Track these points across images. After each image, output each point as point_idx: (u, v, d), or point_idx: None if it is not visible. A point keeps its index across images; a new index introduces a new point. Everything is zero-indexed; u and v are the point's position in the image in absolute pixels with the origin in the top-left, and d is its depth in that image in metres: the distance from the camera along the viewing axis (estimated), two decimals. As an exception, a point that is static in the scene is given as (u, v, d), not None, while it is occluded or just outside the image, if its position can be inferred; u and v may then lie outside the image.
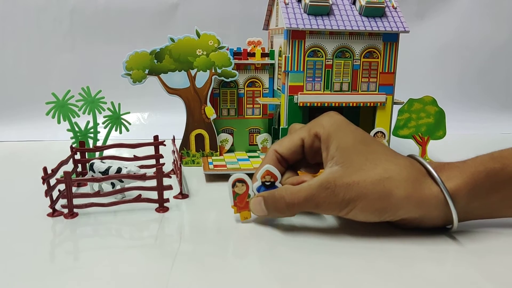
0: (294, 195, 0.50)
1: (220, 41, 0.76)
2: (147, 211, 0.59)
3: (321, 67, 0.73)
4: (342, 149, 0.50)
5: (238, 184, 0.53)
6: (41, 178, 0.56)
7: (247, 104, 0.83)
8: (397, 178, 0.48)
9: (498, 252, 0.48)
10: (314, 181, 0.49)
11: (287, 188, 0.51)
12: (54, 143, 0.98)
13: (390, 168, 0.49)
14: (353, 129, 0.52)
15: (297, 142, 0.54)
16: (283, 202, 0.50)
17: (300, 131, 0.55)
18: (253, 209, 0.53)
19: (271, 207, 0.51)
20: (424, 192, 0.48)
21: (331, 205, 0.49)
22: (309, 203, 0.49)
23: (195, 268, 0.45)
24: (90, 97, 0.72)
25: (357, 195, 0.48)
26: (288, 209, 0.50)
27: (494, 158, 0.49)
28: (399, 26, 0.72)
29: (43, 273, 0.43)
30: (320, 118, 0.54)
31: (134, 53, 0.74)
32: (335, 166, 0.50)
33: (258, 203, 0.52)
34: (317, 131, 0.53)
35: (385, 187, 0.47)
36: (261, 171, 0.53)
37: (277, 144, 0.55)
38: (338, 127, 0.52)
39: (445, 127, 0.77)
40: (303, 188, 0.49)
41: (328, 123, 0.52)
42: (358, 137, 0.51)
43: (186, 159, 0.80)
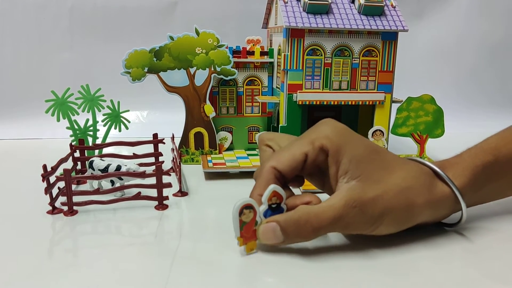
0: (319, 218, 0.44)
1: (220, 40, 0.76)
2: (147, 208, 0.59)
3: (320, 65, 0.73)
4: (356, 161, 0.46)
5: (245, 211, 0.44)
6: (41, 175, 0.56)
7: (246, 102, 0.83)
8: (415, 186, 0.47)
9: (496, 249, 0.49)
10: (334, 200, 0.45)
11: (308, 210, 0.44)
12: (53, 141, 0.98)
13: (406, 176, 0.47)
14: (360, 137, 0.48)
15: (300, 157, 0.47)
16: (310, 226, 0.44)
17: (300, 144, 0.47)
18: (264, 237, 0.45)
19: (293, 233, 0.44)
20: (438, 194, 0.48)
21: (360, 224, 0.45)
22: (337, 225, 0.44)
23: (195, 265, 0.45)
24: (89, 95, 0.72)
25: (383, 210, 0.45)
26: (314, 234, 0.45)
27: (485, 151, 0.51)
28: (398, 25, 0.72)
29: (43, 270, 0.44)
30: (320, 128, 0.49)
31: (133, 51, 0.74)
32: (352, 181, 0.45)
33: (271, 230, 0.44)
34: (323, 144, 0.46)
35: (407, 198, 0.46)
36: (267, 192, 0.45)
37: (273, 160, 0.47)
38: (346, 137, 0.47)
39: (443, 126, 0.77)
40: (326, 209, 0.44)
41: (333, 134, 0.47)
42: (368, 146, 0.48)
43: (185, 157, 0.80)
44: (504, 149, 0.51)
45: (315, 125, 0.50)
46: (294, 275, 0.43)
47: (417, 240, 0.50)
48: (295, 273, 0.43)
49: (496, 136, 0.54)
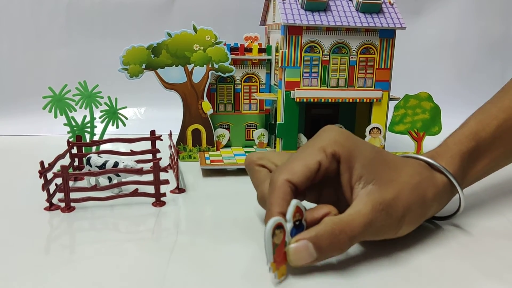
0: (352, 226, 0.42)
1: (217, 36, 0.76)
2: (144, 205, 0.59)
3: (317, 62, 0.73)
4: (368, 165, 0.45)
5: (276, 231, 0.39)
6: (38, 172, 0.56)
7: (244, 100, 0.83)
8: (422, 181, 0.47)
9: (491, 245, 0.49)
10: (360, 206, 0.43)
11: (338, 220, 0.42)
12: (50, 138, 0.98)
13: (412, 172, 0.47)
14: (363, 140, 0.48)
15: (314, 166, 0.44)
16: (345, 236, 0.41)
17: (311, 153, 0.44)
18: (297, 257, 0.40)
19: (328, 246, 0.41)
20: (440, 185, 0.49)
21: (387, 228, 0.44)
22: (368, 231, 0.43)
23: (192, 261, 0.45)
24: (87, 92, 0.72)
25: (404, 209, 0.45)
26: (349, 243, 0.42)
27: (467, 137, 0.53)
28: (395, 22, 0.72)
29: (40, 266, 0.44)
30: (327, 134, 0.46)
31: (131, 48, 0.74)
32: (368, 185, 0.44)
33: (304, 248, 0.40)
34: (335, 151, 0.44)
35: (419, 194, 0.46)
36: (292, 209, 0.40)
37: (286, 173, 0.43)
38: (354, 142, 0.46)
39: (440, 123, 0.78)
40: (355, 216, 0.42)
41: (342, 139, 0.45)
42: (373, 148, 0.47)
43: (182, 154, 0.80)
44: (483, 133, 0.54)
45: (318, 132, 0.48)
46: (292, 271, 0.43)
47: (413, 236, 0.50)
48: (294, 270, 0.43)
49: (474, 120, 0.56)
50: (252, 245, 0.49)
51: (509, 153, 0.56)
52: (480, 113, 0.57)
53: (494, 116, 0.55)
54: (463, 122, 0.57)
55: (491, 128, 0.54)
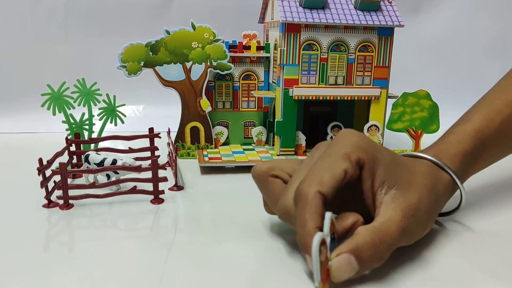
0: (388, 234, 0.40)
1: (216, 34, 0.76)
2: (142, 202, 0.59)
3: (316, 60, 0.73)
4: (388, 170, 0.43)
5: (321, 248, 0.36)
6: (37, 169, 0.56)
7: (242, 97, 0.83)
8: (433, 181, 0.46)
9: (491, 243, 0.49)
10: (389, 214, 0.41)
11: (375, 230, 0.40)
12: (49, 135, 0.98)
13: (424, 172, 0.47)
14: (379, 144, 0.47)
15: (341, 176, 0.41)
16: (386, 245, 0.40)
17: (335, 161, 0.42)
18: (340, 273, 0.38)
19: (370, 257, 0.39)
20: (446, 183, 0.48)
21: (417, 232, 0.44)
22: (403, 238, 0.42)
23: (190, 259, 0.45)
24: (85, 89, 0.72)
25: (426, 212, 0.44)
26: (389, 252, 0.41)
27: (470, 134, 0.52)
28: (394, 20, 0.72)
29: (38, 264, 0.44)
30: (349, 140, 0.43)
31: (129, 45, 0.74)
32: (391, 190, 0.43)
33: (347, 262, 0.38)
34: (359, 157, 0.42)
35: (435, 194, 0.46)
36: (328, 222, 0.38)
37: (316, 184, 0.40)
38: (375, 146, 0.44)
39: (438, 121, 0.78)
40: (388, 224, 0.41)
41: (365, 144, 0.43)
42: (389, 151, 0.46)
43: (181, 151, 0.80)
44: (487, 130, 0.53)
45: (338, 137, 0.44)
46: (291, 268, 0.43)
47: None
48: (293, 267, 0.43)
49: (478, 115, 0.55)
50: (250, 242, 0.49)
51: (510, 146, 0.56)
52: (484, 106, 0.56)
53: (498, 111, 0.54)
54: (466, 114, 0.56)
55: (495, 124, 0.53)
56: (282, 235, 0.51)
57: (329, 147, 0.44)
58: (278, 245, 0.48)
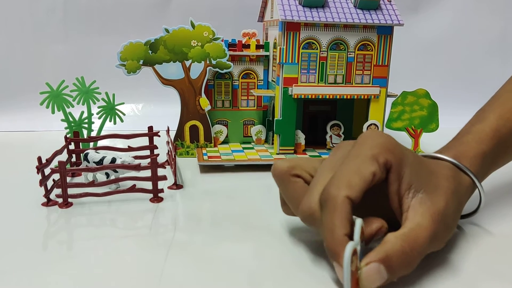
0: (418, 242, 0.39)
1: (215, 33, 0.76)
2: (142, 201, 0.59)
3: (315, 59, 0.73)
4: (415, 172, 0.42)
5: (353, 258, 0.35)
6: (36, 167, 0.56)
7: (242, 96, 0.83)
8: (456, 184, 0.45)
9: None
10: (418, 219, 0.40)
11: (405, 237, 0.39)
12: (47, 134, 0.97)
13: (446, 175, 0.45)
14: (403, 145, 0.44)
15: (369, 179, 0.40)
16: (416, 253, 0.39)
17: (363, 163, 0.40)
18: (370, 282, 0.37)
19: (400, 265, 0.38)
20: (467, 185, 0.48)
21: (445, 238, 0.43)
22: (432, 244, 0.41)
23: (189, 257, 0.45)
24: (84, 88, 0.72)
25: (453, 216, 0.43)
26: (419, 259, 0.40)
27: (488, 134, 0.52)
28: (393, 19, 0.72)
29: (37, 262, 0.44)
30: (376, 141, 0.42)
31: (128, 44, 0.73)
32: (418, 194, 0.41)
33: (376, 271, 0.37)
34: (387, 159, 0.41)
35: (458, 198, 0.45)
36: (358, 229, 0.37)
37: (345, 188, 0.39)
38: (401, 148, 0.43)
39: (437, 120, 0.78)
40: (418, 231, 0.40)
41: (392, 146, 0.42)
42: (413, 153, 0.44)
43: (180, 150, 0.80)
44: (503, 129, 0.52)
45: (363, 137, 0.43)
46: (289, 266, 0.43)
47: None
48: (291, 264, 0.43)
49: (494, 114, 0.54)
50: (249, 241, 0.49)
51: None
52: (499, 105, 0.55)
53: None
54: (480, 113, 0.55)
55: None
56: (281, 234, 0.51)
57: (355, 147, 0.42)
58: (277, 244, 0.48)
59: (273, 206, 0.59)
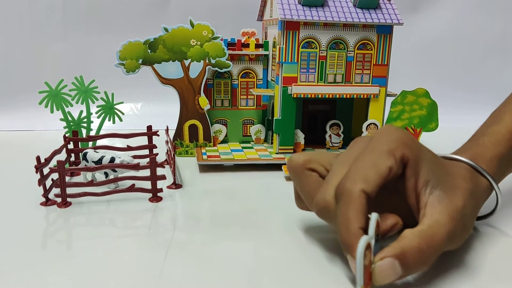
0: (435, 239, 0.39)
1: (214, 32, 0.76)
2: (141, 200, 0.59)
3: (315, 58, 0.73)
4: (432, 169, 0.41)
5: (366, 252, 0.35)
6: (34, 167, 0.56)
7: (241, 95, 0.83)
8: (475, 186, 0.45)
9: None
10: (435, 216, 0.40)
11: (422, 234, 0.39)
12: (46, 133, 0.97)
13: (463, 175, 0.45)
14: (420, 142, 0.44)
15: (385, 173, 0.39)
16: (432, 250, 0.39)
17: (379, 157, 0.40)
18: (383, 276, 0.37)
19: (416, 262, 0.38)
20: (484, 187, 0.47)
21: (462, 238, 0.42)
22: (449, 242, 0.40)
23: (189, 257, 0.45)
24: (83, 87, 0.72)
25: (470, 216, 0.43)
26: (435, 257, 0.39)
27: (504, 136, 0.51)
28: (393, 18, 0.72)
29: (36, 262, 0.43)
30: (392, 135, 0.42)
31: (127, 43, 0.73)
32: (435, 191, 0.41)
33: (390, 266, 0.37)
34: (403, 154, 0.40)
35: (476, 198, 0.45)
36: (374, 224, 0.37)
37: (361, 182, 0.39)
38: (417, 143, 0.42)
39: (437, 119, 0.78)
40: (435, 228, 0.39)
41: (409, 141, 0.42)
42: (430, 150, 0.44)
43: (179, 149, 0.80)
44: None
45: (380, 132, 0.43)
46: (288, 265, 0.43)
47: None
48: (290, 263, 0.43)
49: (510, 116, 0.53)
50: (248, 240, 0.49)
51: None
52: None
53: None
54: (496, 114, 0.55)
55: None
56: (280, 233, 0.51)
57: (371, 142, 0.42)
58: (276, 243, 0.48)
59: (272, 206, 0.59)
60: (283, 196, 0.63)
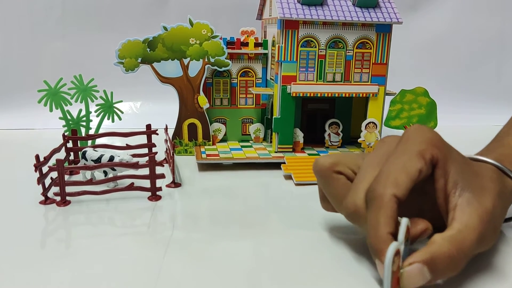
0: (465, 244, 0.38)
1: (213, 30, 0.75)
2: (140, 199, 0.59)
3: (314, 57, 0.73)
4: (461, 171, 0.41)
5: (395, 258, 0.35)
6: (34, 165, 0.56)
7: (240, 94, 0.83)
8: (502, 187, 0.44)
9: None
10: (466, 219, 0.39)
11: (452, 239, 0.38)
12: (45, 132, 0.97)
13: (491, 176, 0.44)
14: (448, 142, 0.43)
15: (415, 176, 0.39)
16: (463, 255, 0.38)
17: (409, 160, 0.40)
18: (411, 282, 0.37)
19: (445, 268, 0.37)
20: (511, 188, 0.46)
21: (492, 240, 0.41)
22: (480, 245, 0.39)
23: (188, 256, 0.45)
24: (82, 85, 0.72)
25: (500, 218, 0.42)
26: (465, 262, 0.39)
27: None
28: (392, 17, 0.72)
29: (35, 260, 0.44)
30: (422, 136, 0.41)
31: (126, 42, 0.73)
32: (465, 193, 0.40)
33: (418, 272, 0.36)
34: (433, 155, 0.40)
35: (504, 200, 0.44)
36: (404, 229, 0.37)
37: (392, 186, 0.38)
38: (446, 144, 0.42)
39: (436, 118, 0.78)
40: (465, 232, 0.39)
41: (439, 141, 0.41)
42: (458, 151, 0.43)
43: (178, 148, 0.80)
44: None
45: (409, 133, 0.42)
46: (287, 263, 0.43)
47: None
48: (288, 262, 0.43)
49: None
50: (247, 239, 0.49)
51: None
52: None
53: None
54: None
55: None
56: (279, 233, 0.51)
57: (400, 144, 0.42)
58: (275, 242, 0.48)
59: (271, 204, 0.59)
60: (282, 195, 0.63)
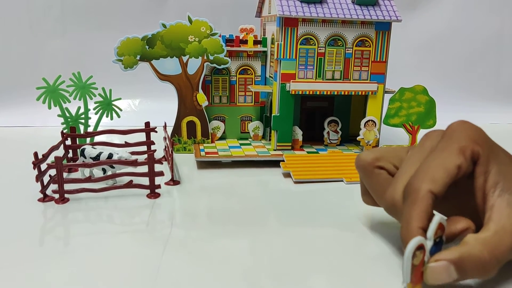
0: (500, 248, 0.37)
1: (213, 28, 0.75)
2: (138, 197, 0.59)
3: (313, 55, 0.73)
4: (504, 171, 0.40)
5: (417, 253, 0.35)
6: (32, 163, 0.56)
7: (239, 92, 0.83)
8: None
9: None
10: (503, 222, 0.38)
11: (486, 242, 0.37)
12: (44, 129, 0.97)
13: None
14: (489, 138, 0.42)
15: (454, 172, 0.39)
16: (494, 259, 0.37)
17: (449, 155, 0.39)
18: (434, 278, 0.36)
19: (474, 270, 0.37)
20: None
21: None
22: None
23: (186, 253, 0.45)
24: (81, 83, 0.72)
25: None
26: (498, 266, 0.38)
27: None
28: (391, 15, 0.72)
29: (34, 258, 0.43)
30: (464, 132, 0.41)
31: (125, 39, 0.73)
32: (505, 194, 0.39)
33: (444, 270, 0.36)
34: (473, 151, 0.39)
35: None
36: (434, 226, 0.36)
37: (429, 181, 0.38)
38: (489, 142, 0.41)
39: (435, 117, 0.78)
40: (502, 235, 0.38)
41: (481, 138, 0.40)
42: (503, 149, 0.42)
43: (177, 146, 0.80)
44: None
45: (452, 128, 0.42)
46: (286, 263, 0.43)
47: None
48: (287, 261, 0.43)
49: None
50: (246, 237, 0.49)
51: None
52: None
53: None
54: None
55: None
56: (278, 230, 0.51)
57: (443, 139, 0.41)
58: (274, 241, 0.48)
59: (269, 202, 0.59)
60: (280, 192, 0.63)
